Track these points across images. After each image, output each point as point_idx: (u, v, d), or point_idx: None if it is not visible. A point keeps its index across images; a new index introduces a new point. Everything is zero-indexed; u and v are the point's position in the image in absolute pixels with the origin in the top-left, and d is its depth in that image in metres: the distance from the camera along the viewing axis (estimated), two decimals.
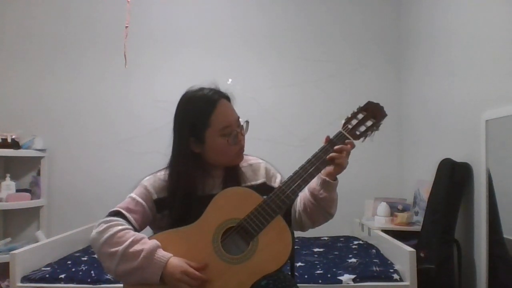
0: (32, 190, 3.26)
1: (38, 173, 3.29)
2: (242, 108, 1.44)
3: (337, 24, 3.49)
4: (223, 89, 1.42)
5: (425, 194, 2.61)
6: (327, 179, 1.33)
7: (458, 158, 2.34)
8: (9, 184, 3.11)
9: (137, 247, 1.21)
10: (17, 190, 3.16)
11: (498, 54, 2.02)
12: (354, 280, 2.09)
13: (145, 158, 3.25)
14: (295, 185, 1.29)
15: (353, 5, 3.49)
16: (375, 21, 3.48)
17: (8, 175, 3.14)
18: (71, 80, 3.43)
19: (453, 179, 2.28)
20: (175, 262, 1.21)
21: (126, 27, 2.60)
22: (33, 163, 3.31)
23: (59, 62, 3.44)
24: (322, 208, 1.37)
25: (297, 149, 3.32)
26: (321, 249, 2.74)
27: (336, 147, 1.32)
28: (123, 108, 3.42)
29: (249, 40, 3.47)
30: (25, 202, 3.14)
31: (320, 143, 1.39)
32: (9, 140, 3.14)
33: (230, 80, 3.16)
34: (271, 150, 3.15)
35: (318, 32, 3.48)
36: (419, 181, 2.83)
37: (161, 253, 1.22)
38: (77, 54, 3.44)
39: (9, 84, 3.42)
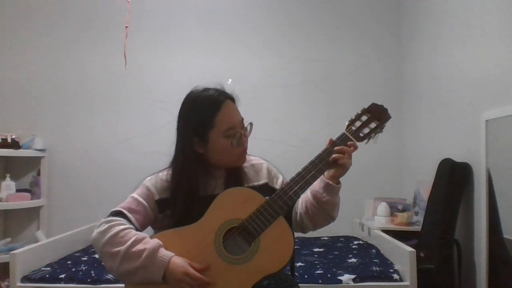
0: (32, 190, 3.25)
1: (38, 173, 3.29)
2: (242, 108, 1.44)
3: (337, 23, 3.49)
4: (228, 89, 1.42)
5: (425, 194, 2.61)
6: (330, 182, 1.33)
7: (458, 158, 2.34)
8: (9, 184, 3.11)
9: (139, 246, 1.21)
10: (17, 190, 3.16)
11: (498, 54, 2.02)
12: (354, 280, 2.09)
13: (145, 158, 3.25)
14: (297, 186, 1.29)
15: (354, 4, 3.49)
16: (375, 20, 3.48)
17: (8, 175, 3.14)
18: (72, 80, 3.43)
19: (453, 179, 2.28)
20: (177, 261, 1.21)
21: (126, 27, 2.60)
22: (33, 163, 3.31)
23: (59, 62, 3.44)
24: (324, 211, 1.38)
25: (297, 149, 3.33)
26: (321, 249, 2.74)
27: (336, 147, 1.32)
28: (123, 108, 3.42)
29: (249, 40, 3.47)
30: (25, 202, 3.14)
31: (320, 143, 1.39)
32: (9, 140, 3.14)
33: (230, 80, 3.16)
34: (271, 150, 3.14)
35: (318, 32, 3.48)
36: (419, 181, 2.83)
37: (163, 252, 1.22)
38: (77, 54, 3.44)
39: (9, 84, 3.42)
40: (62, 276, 2.17)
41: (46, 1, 3.46)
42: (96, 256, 2.37)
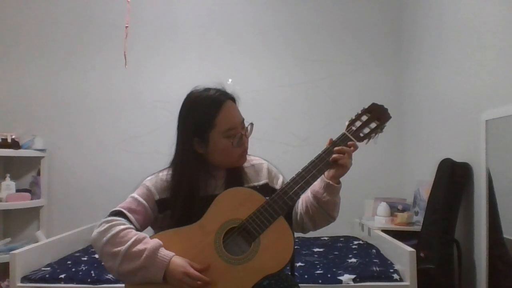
0: (32, 190, 3.25)
1: (38, 173, 3.29)
2: (242, 108, 1.44)
3: (337, 23, 3.49)
4: (228, 89, 1.42)
5: (425, 194, 2.61)
6: (331, 182, 1.33)
7: (458, 158, 2.34)
8: (9, 184, 3.11)
9: (139, 246, 1.21)
10: (17, 190, 3.16)
11: (498, 54, 2.02)
12: (354, 280, 2.09)
13: (145, 158, 3.25)
14: (298, 186, 1.29)
15: (354, 4, 3.49)
16: (375, 21, 3.48)
17: (8, 175, 3.14)
18: (72, 80, 3.43)
19: (453, 179, 2.28)
20: (178, 261, 1.21)
21: (126, 27, 2.60)
22: (33, 163, 3.31)
23: (60, 63, 3.44)
24: (325, 211, 1.38)
25: (297, 149, 3.33)
26: (321, 249, 2.74)
27: (336, 148, 1.32)
28: (123, 108, 3.42)
29: (249, 40, 3.47)
30: (25, 202, 3.14)
31: (320, 143, 1.39)
32: (9, 140, 3.14)
33: (230, 80, 3.16)
34: (271, 150, 3.14)
35: (318, 32, 3.48)
36: (419, 181, 2.83)
37: (164, 252, 1.22)
38: (77, 55, 3.44)
39: (9, 84, 3.42)
40: (62, 276, 2.17)
41: (47, 5, 3.46)
42: (96, 256, 2.37)
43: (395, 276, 2.09)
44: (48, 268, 2.27)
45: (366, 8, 3.48)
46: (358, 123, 1.37)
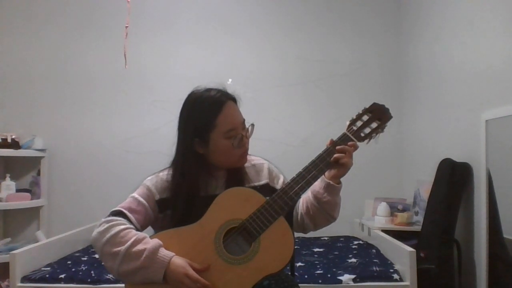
0: (32, 190, 3.25)
1: (38, 173, 3.29)
2: (242, 108, 1.44)
3: (337, 23, 3.49)
4: (229, 90, 1.42)
5: (425, 194, 2.61)
6: (331, 182, 1.33)
7: (458, 158, 2.34)
8: (9, 184, 3.11)
9: (139, 246, 1.21)
10: (17, 190, 3.16)
11: (498, 54, 2.02)
12: (354, 280, 2.09)
13: (145, 158, 3.25)
14: (298, 186, 1.29)
15: (354, 4, 3.49)
16: (375, 20, 3.48)
17: (8, 175, 3.14)
18: (72, 80, 3.43)
19: (453, 179, 2.28)
20: (178, 261, 1.21)
21: (126, 27, 2.60)
22: (33, 163, 3.30)
23: (59, 62, 3.43)
24: (325, 211, 1.38)
25: (297, 149, 3.32)
26: (321, 249, 2.74)
27: (338, 147, 1.32)
28: (123, 108, 3.42)
29: (249, 40, 3.47)
30: (25, 202, 3.14)
31: (320, 143, 1.39)
32: (9, 140, 3.14)
33: (230, 80, 3.16)
34: (271, 150, 3.14)
35: (318, 32, 3.48)
36: (419, 181, 2.83)
37: (164, 252, 1.22)
38: (77, 54, 3.43)
39: (9, 83, 3.42)
40: (62, 276, 2.17)
41: (45, 0, 3.46)
42: (96, 256, 2.37)
43: (395, 276, 2.09)
44: (48, 268, 2.27)
45: (366, 8, 3.48)
46: (359, 123, 1.37)
